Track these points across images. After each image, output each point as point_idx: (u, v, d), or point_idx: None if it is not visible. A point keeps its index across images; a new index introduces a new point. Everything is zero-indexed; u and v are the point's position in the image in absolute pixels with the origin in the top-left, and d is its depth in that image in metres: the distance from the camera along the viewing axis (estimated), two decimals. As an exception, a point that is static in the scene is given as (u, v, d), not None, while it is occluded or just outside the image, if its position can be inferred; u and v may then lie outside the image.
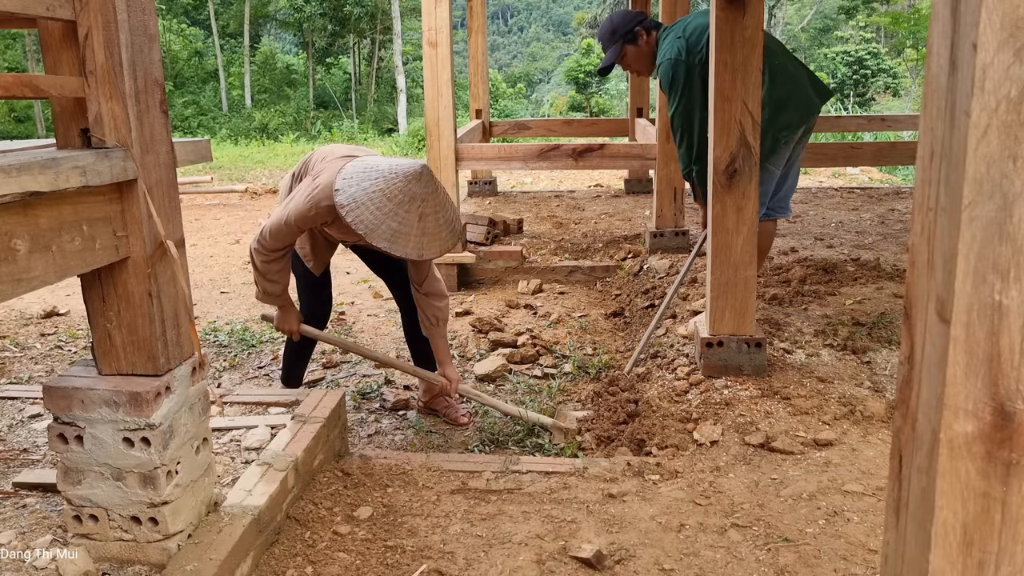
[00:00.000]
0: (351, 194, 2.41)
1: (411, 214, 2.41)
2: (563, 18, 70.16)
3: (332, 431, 2.47)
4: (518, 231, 5.65)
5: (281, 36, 38.31)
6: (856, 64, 29.16)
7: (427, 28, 4.51)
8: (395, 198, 2.40)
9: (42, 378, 3.55)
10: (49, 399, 1.69)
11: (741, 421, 2.62)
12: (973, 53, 0.71)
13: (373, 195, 2.39)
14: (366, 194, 2.40)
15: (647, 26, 3.46)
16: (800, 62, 3.35)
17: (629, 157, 5.10)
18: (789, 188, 3.43)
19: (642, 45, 3.45)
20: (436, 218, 2.47)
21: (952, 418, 0.78)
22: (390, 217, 2.39)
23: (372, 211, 2.38)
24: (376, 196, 2.39)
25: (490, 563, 1.96)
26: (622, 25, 3.45)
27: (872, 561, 1.93)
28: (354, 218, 2.37)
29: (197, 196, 8.93)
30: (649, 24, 3.47)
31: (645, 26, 3.45)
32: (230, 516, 1.87)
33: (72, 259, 1.52)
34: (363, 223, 2.37)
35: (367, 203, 2.39)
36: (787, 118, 3.15)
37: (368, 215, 2.38)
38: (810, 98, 3.23)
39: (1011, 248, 0.74)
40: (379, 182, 2.42)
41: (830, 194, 6.92)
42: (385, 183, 2.41)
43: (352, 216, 2.38)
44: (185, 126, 25.01)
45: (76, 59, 1.57)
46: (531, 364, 3.71)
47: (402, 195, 2.40)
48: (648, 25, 3.46)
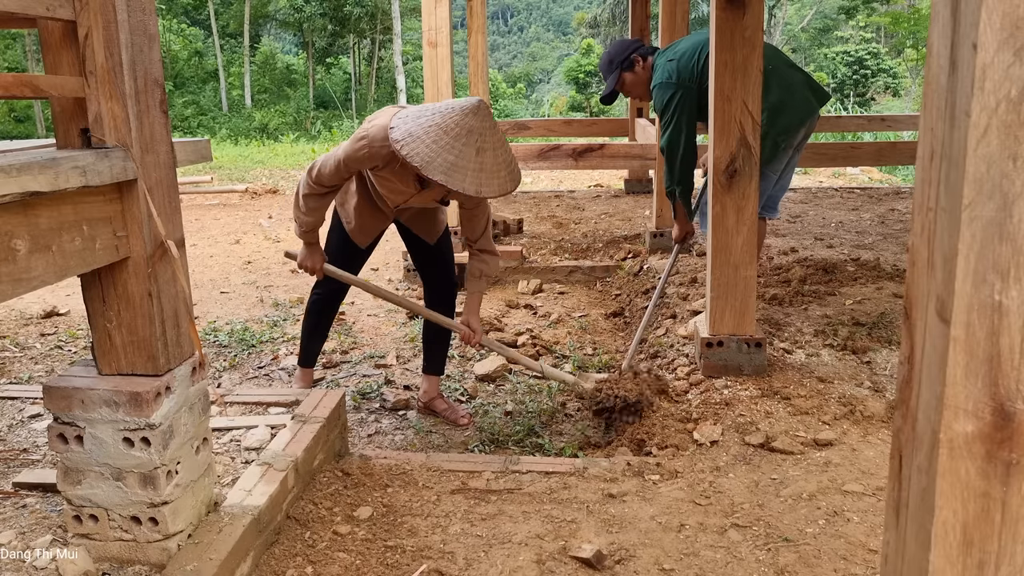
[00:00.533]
0: (406, 130, 2.37)
1: (468, 148, 2.35)
2: (563, 18, 70.16)
3: (332, 431, 2.47)
4: (518, 231, 5.65)
5: (281, 36, 38.30)
6: (856, 64, 29.16)
7: (427, 28, 4.51)
8: (451, 131, 2.34)
9: (42, 378, 3.55)
10: (49, 399, 1.69)
11: (741, 421, 2.62)
12: (973, 53, 0.71)
13: (429, 129, 2.34)
14: (421, 128, 2.35)
15: (643, 53, 3.55)
16: (797, 66, 3.36)
17: (629, 157, 5.10)
18: (780, 189, 3.45)
19: (639, 71, 3.55)
20: (494, 155, 2.40)
21: (952, 418, 0.78)
22: (446, 150, 2.32)
23: (427, 144, 2.33)
24: (432, 130, 2.34)
25: (490, 563, 1.96)
26: (618, 54, 3.56)
27: (872, 561, 1.93)
28: (408, 151, 2.32)
29: (197, 196, 8.93)
30: (645, 51, 3.56)
31: (641, 53, 3.55)
32: (230, 516, 1.87)
33: (72, 259, 1.52)
34: (418, 156, 2.31)
35: (422, 136, 2.34)
36: (785, 122, 3.17)
37: (423, 148, 2.32)
38: (808, 101, 3.24)
39: (1011, 248, 0.74)
40: (435, 117, 2.38)
41: (830, 194, 6.92)
42: (441, 117, 2.37)
43: (407, 150, 2.32)
44: (185, 126, 25.01)
45: (76, 59, 1.57)
46: (531, 364, 3.71)
47: (458, 128, 2.35)
48: (644, 52, 3.56)
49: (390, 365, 3.72)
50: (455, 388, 3.46)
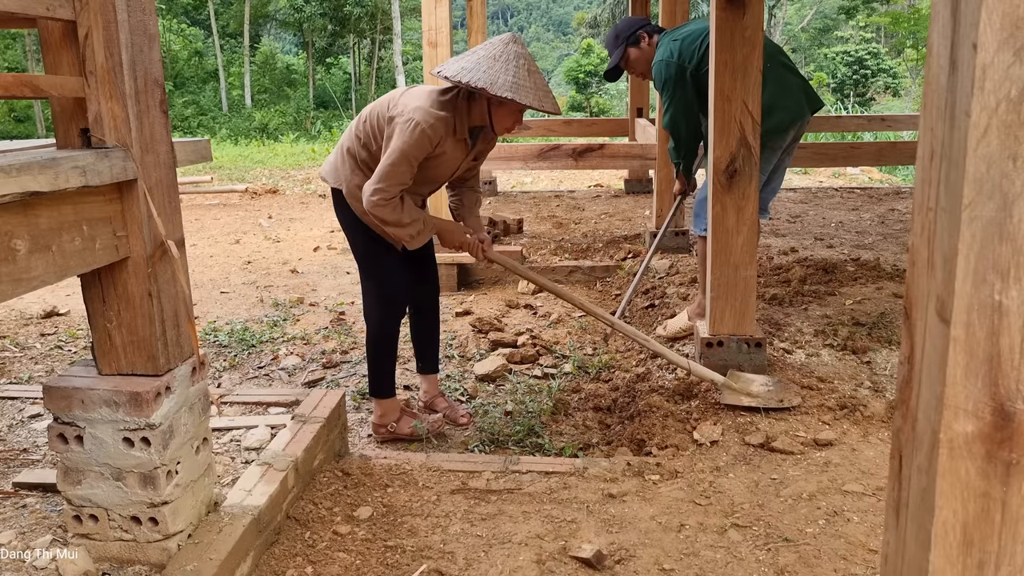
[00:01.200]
0: (458, 66, 2.50)
1: (521, 69, 2.49)
2: (563, 18, 70.15)
3: (332, 431, 2.47)
4: (518, 231, 5.65)
5: (281, 36, 38.31)
6: (856, 64, 29.16)
7: (427, 28, 4.51)
8: (500, 58, 2.49)
9: (42, 378, 3.55)
10: (49, 399, 1.69)
11: (741, 421, 2.62)
12: (973, 53, 0.71)
13: (479, 61, 2.49)
14: (471, 62, 2.49)
15: (649, 31, 3.55)
16: (796, 70, 3.36)
17: (629, 157, 5.10)
18: (771, 192, 3.45)
19: (644, 48, 3.54)
20: (540, 76, 2.56)
21: (952, 418, 0.78)
22: (503, 72, 2.47)
23: (484, 70, 2.46)
24: (483, 60, 2.49)
25: (490, 563, 1.96)
26: (625, 30, 3.56)
27: (872, 561, 1.93)
28: (470, 78, 2.43)
29: (197, 196, 8.93)
30: (652, 29, 3.56)
31: (647, 30, 3.54)
32: (230, 516, 1.87)
33: (72, 259, 1.52)
34: (482, 80, 2.43)
35: (474, 68, 2.47)
36: (774, 121, 3.18)
37: (482, 74, 2.45)
38: (800, 105, 3.24)
39: (1011, 248, 0.74)
40: (478, 52, 2.53)
41: (830, 194, 6.92)
42: (485, 50, 2.52)
43: (467, 77, 2.43)
44: (185, 126, 25.01)
45: (76, 59, 1.57)
46: (531, 364, 3.71)
47: (506, 55, 2.50)
48: (651, 30, 3.55)
49: (390, 365, 3.72)
50: (455, 388, 3.46)
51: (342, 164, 2.74)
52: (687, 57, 3.27)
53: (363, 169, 2.72)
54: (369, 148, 2.69)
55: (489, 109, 2.61)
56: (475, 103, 2.60)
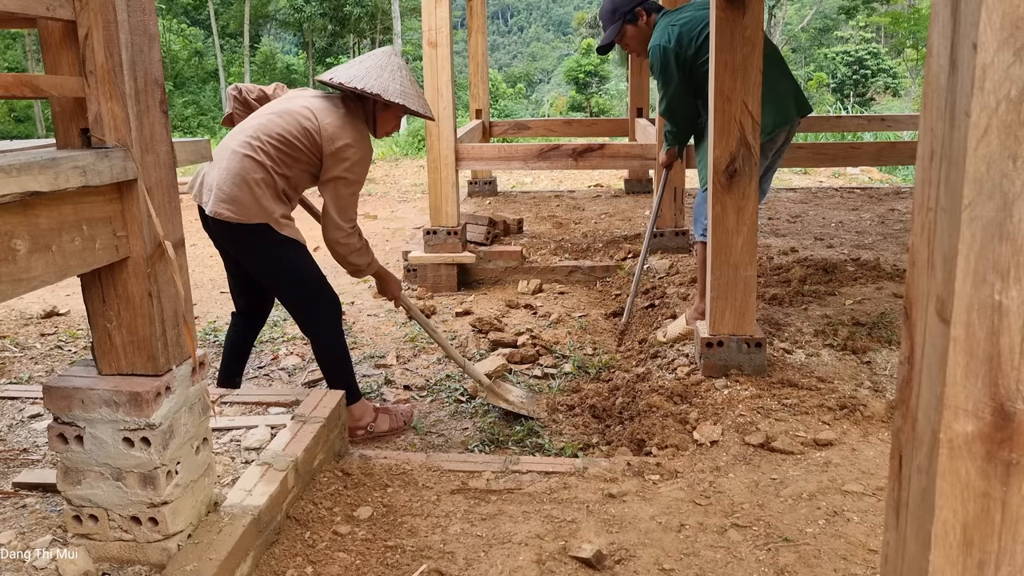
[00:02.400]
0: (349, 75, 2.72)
1: (405, 79, 2.77)
2: (563, 18, 70.16)
3: (332, 431, 2.47)
4: (518, 231, 5.65)
5: (281, 36, 38.31)
6: (856, 64, 29.17)
7: (427, 28, 4.51)
8: (387, 68, 2.75)
9: (42, 378, 3.55)
10: (49, 399, 1.69)
11: (741, 421, 2.62)
12: (973, 53, 0.71)
13: (369, 70, 2.73)
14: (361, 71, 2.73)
15: (648, 8, 3.48)
16: (789, 74, 3.36)
17: (629, 157, 5.10)
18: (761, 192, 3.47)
19: (642, 26, 3.48)
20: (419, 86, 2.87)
21: (952, 418, 0.78)
22: (392, 81, 2.73)
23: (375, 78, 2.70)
24: (372, 70, 2.73)
25: (490, 563, 1.96)
26: (623, 4, 3.46)
27: (872, 561, 1.93)
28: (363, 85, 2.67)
29: (197, 196, 8.93)
30: (650, 6, 3.50)
31: (646, 7, 3.48)
32: (230, 516, 1.87)
33: (72, 259, 1.52)
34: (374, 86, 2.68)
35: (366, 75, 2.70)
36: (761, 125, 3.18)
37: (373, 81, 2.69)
38: (788, 109, 3.23)
39: (1011, 248, 0.74)
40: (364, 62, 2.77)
41: (830, 194, 6.92)
42: (371, 60, 2.77)
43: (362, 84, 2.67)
44: (185, 126, 25.01)
45: (76, 59, 1.57)
46: (531, 364, 3.71)
47: (391, 65, 2.77)
48: (649, 7, 3.49)
49: (390, 365, 3.72)
50: (455, 388, 3.46)
51: (261, 196, 2.60)
52: (685, 45, 3.23)
53: (282, 198, 2.69)
54: (289, 177, 2.68)
55: (375, 114, 2.82)
56: (361, 110, 2.80)
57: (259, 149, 2.61)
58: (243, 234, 2.64)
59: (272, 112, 2.71)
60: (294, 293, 2.79)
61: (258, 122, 2.69)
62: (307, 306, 2.81)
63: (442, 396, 3.42)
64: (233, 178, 2.60)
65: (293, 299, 2.81)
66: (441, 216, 4.86)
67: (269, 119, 2.67)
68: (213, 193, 2.63)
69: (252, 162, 2.60)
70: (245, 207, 2.59)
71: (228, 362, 3.07)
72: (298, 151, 2.64)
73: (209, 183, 2.67)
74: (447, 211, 4.85)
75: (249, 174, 2.60)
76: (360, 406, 2.93)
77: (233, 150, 2.63)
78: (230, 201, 2.59)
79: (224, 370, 3.07)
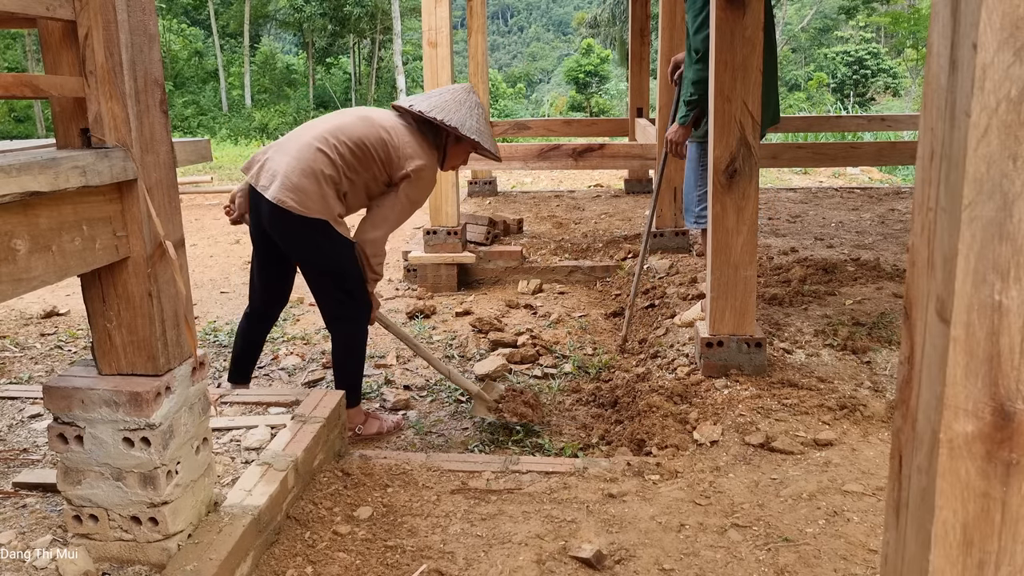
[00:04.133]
0: (429, 105, 2.76)
1: (481, 118, 2.82)
2: (563, 18, 70.18)
3: (332, 431, 2.47)
4: (518, 231, 5.65)
5: (281, 36, 38.32)
6: (856, 64, 29.17)
7: (427, 28, 4.51)
8: (465, 103, 2.80)
9: (42, 378, 3.55)
10: (49, 399, 1.69)
11: (741, 421, 2.62)
12: (973, 53, 0.71)
13: (447, 103, 2.78)
14: (440, 103, 2.77)
15: None
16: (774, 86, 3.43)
17: (629, 157, 5.10)
18: None
19: None
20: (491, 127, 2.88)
21: (952, 418, 0.78)
22: (469, 117, 2.78)
23: (454, 112, 2.75)
24: (450, 104, 2.78)
25: (490, 563, 1.96)
26: None
27: (872, 561, 1.93)
28: (443, 117, 2.72)
29: (197, 196, 8.93)
30: None
31: None
32: (230, 516, 1.87)
33: (72, 259, 1.51)
34: (453, 120, 2.72)
35: (445, 108, 2.76)
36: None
37: (452, 114, 2.74)
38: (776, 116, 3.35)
39: (1011, 248, 0.74)
40: (444, 95, 2.82)
41: (830, 194, 6.92)
42: (451, 95, 2.82)
43: (441, 115, 2.72)
44: (185, 126, 25.01)
45: (76, 59, 1.57)
46: (531, 364, 3.71)
47: (469, 102, 2.82)
48: None
49: (390, 365, 3.72)
50: (455, 388, 3.46)
51: (327, 193, 2.62)
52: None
53: (342, 199, 2.70)
54: (354, 181, 2.69)
55: (446, 147, 2.85)
56: (435, 139, 2.82)
57: (334, 147, 2.63)
58: (300, 226, 2.63)
59: (354, 116, 2.75)
60: (336, 289, 2.79)
61: (339, 122, 2.71)
62: (346, 304, 2.81)
63: (442, 396, 3.42)
64: (304, 169, 2.59)
65: (334, 295, 2.80)
66: (441, 216, 4.86)
67: (351, 122, 2.70)
68: (278, 180, 2.60)
69: (325, 158, 2.61)
70: (309, 199, 2.59)
71: (241, 359, 3.07)
72: (370, 160, 2.67)
73: (273, 169, 2.64)
74: (447, 211, 4.85)
75: (320, 168, 2.60)
76: (356, 411, 2.94)
77: (307, 142, 2.63)
78: (295, 191, 2.58)
79: (236, 367, 3.07)
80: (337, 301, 2.82)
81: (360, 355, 2.89)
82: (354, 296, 2.80)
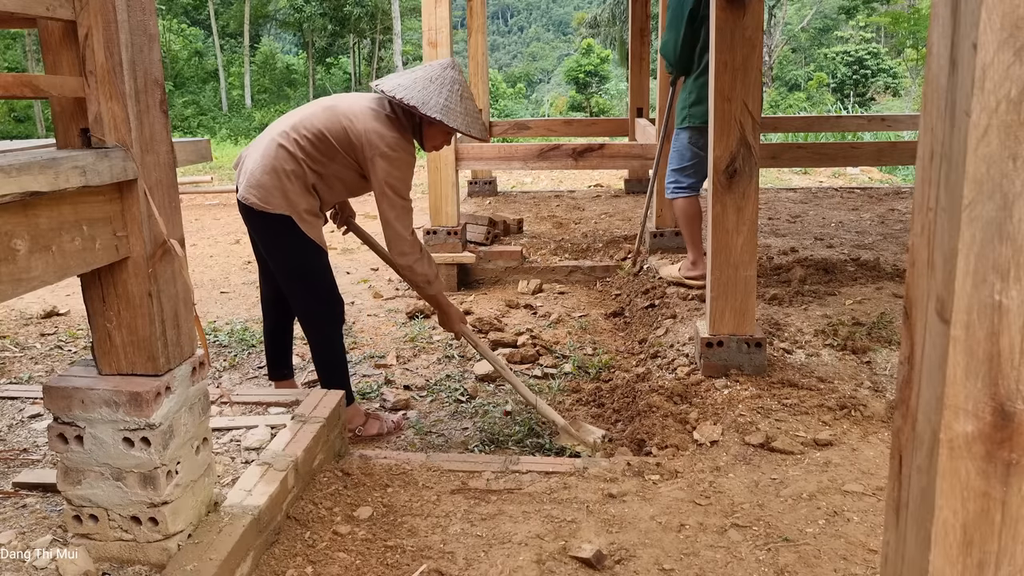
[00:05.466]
0: (394, 83, 2.66)
1: (454, 94, 2.67)
2: (563, 18, 70.19)
3: (332, 431, 2.47)
4: (518, 231, 5.65)
5: (281, 36, 38.33)
6: (856, 64, 29.17)
7: (427, 28, 4.51)
8: (436, 80, 2.67)
9: (42, 378, 3.55)
10: (49, 399, 1.69)
11: (741, 421, 2.62)
12: (973, 53, 0.71)
13: (416, 81, 2.66)
14: (408, 81, 2.66)
15: None
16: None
17: (629, 157, 5.10)
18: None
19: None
20: (472, 103, 2.74)
21: (952, 418, 0.78)
22: (435, 95, 2.64)
23: (419, 90, 2.63)
24: (419, 81, 2.66)
25: (490, 563, 1.96)
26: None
27: (872, 561, 1.93)
28: (403, 95, 2.59)
29: (197, 196, 8.93)
30: None
31: None
32: (230, 516, 1.87)
33: (72, 259, 1.51)
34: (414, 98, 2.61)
35: (411, 86, 2.63)
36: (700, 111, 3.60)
37: (416, 93, 2.62)
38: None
39: (1011, 248, 0.74)
40: (416, 72, 2.71)
41: (830, 194, 6.92)
42: (423, 72, 2.71)
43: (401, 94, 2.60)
44: (185, 126, 25.01)
45: (76, 59, 1.57)
46: (531, 364, 3.71)
47: (442, 78, 2.68)
48: None
49: (390, 365, 3.72)
50: (455, 388, 3.46)
51: (288, 188, 2.62)
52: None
53: (311, 192, 2.69)
54: (321, 173, 2.68)
55: (421, 127, 2.77)
56: (409, 120, 2.75)
57: (295, 141, 2.63)
58: (264, 223, 2.67)
59: (320, 106, 2.73)
60: (301, 292, 2.80)
61: (303, 114, 2.71)
62: (311, 307, 2.82)
63: (442, 396, 3.42)
64: (265, 165, 2.63)
65: (298, 297, 2.81)
66: (441, 216, 4.86)
67: (313, 113, 2.70)
68: (245, 178, 2.67)
69: (285, 153, 2.63)
70: (270, 196, 2.62)
71: (272, 354, 3.09)
72: (333, 150, 2.65)
73: (245, 167, 2.70)
74: (447, 211, 4.85)
75: (281, 164, 2.62)
76: (351, 410, 2.93)
77: (272, 138, 2.67)
78: (257, 187, 2.63)
79: (269, 362, 3.11)
80: (302, 305, 2.83)
81: (335, 353, 2.88)
82: (318, 300, 2.80)
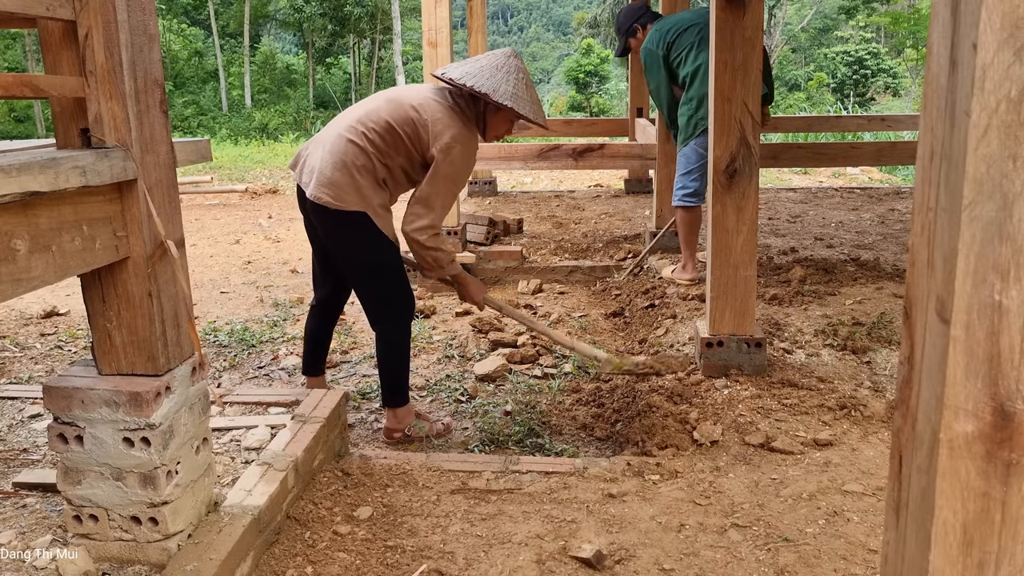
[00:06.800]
0: (461, 72, 2.64)
1: (520, 82, 2.66)
2: (563, 18, 70.19)
3: (332, 431, 2.47)
4: (518, 231, 5.65)
5: (281, 36, 38.33)
6: (856, 64, 29.17)
7: (427, 28, 4.51)
8: (502, 68, 2.66)
9: (42, 378, 3.55)
10: (49, 399, 1.69)
11: (741, 421, 2.62)
12: (973, 53, 0.71)
13: (482, 69, 2.63)
14: (474, 68, 2.64)
15: (643, 22, 4.26)
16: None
17: (629, 157, 5.10)
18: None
19: (640, 37, 4.25)
20: (535, 92, 2.75)
21: (952, 418, 0.78)
22: (504, 82, 2.62)
23: (487, 78, 2.61)
24: (485, 69, 2.63)
25: (490, 563, 1.96)
26: (624, 23, 4.34)
27: (872, 561, 1.93)
28: (474, 83, 2.57)
29: (197, 196, 8.93)
30: (646, 19, 4.26)
31: (642, 22, 4.27)
32: (230, 516, 1.87)
33: (72, 259, 1.51)
34: (484, 85, 2.58)
35: (478, 74, 2.61)
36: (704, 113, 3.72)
37: (485, 80, 2.60)
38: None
39: (1011, 248, 0.73)
40: (480, 60, 2.68)
41: (830, 194, 6.92)
42: (487, 60, 2.69)
43: (472, 81, 2.58)
44: (185, 126, 25.01)
45: (76, 59, 1.57)
46: (531, 364, 3.71)
47: (507, 66, 2.66)
48: (645, 21, 4.26)
49: (390, 365, 3.72)
50: (455, 388, 3.46)
51: (361, 183, 2.58)
52: (661, 45, 3.93)
53: (382, 186, 2.65)
54: (390, 166, 2.64)
55: (485, 116, 2.72)
56: (472, 109, 2.70)
57: (363, 135, 2.59)
58: (339, 221, 2.60)
59: (383, 99, 2.69)
60: (374, 286, 2.75)
61: (367, 108, 2.67)
62: (384, 301, 2.78)
63: (442, 396, 3.41)
64: (335, 162, 2.57)
65: (371, 291, 2.77)
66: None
67: (378, 105, 2.66)
68: (315, 176, 2.59)
69: (355, 147, 2.58)
70: (344, 193, 2.56)
71: (311, 351, 3.10)
72: (400, 141, 2.61)
73: (311, 165, 2.64)
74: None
75: (351, 160, 2.57)
76: (405, 410, 2.89)
77: (339, 134, 2.61)
78: (330, 186, 2.56)
79: (307, 359, 3.12)
80: (374, 300, 2.79)
81: (401, 355, 2.85)
82: (391, 294, 2.76)
